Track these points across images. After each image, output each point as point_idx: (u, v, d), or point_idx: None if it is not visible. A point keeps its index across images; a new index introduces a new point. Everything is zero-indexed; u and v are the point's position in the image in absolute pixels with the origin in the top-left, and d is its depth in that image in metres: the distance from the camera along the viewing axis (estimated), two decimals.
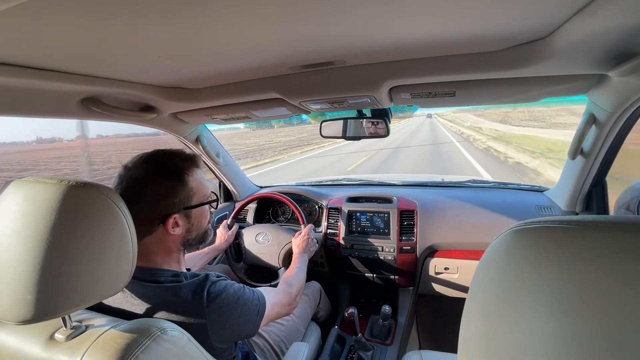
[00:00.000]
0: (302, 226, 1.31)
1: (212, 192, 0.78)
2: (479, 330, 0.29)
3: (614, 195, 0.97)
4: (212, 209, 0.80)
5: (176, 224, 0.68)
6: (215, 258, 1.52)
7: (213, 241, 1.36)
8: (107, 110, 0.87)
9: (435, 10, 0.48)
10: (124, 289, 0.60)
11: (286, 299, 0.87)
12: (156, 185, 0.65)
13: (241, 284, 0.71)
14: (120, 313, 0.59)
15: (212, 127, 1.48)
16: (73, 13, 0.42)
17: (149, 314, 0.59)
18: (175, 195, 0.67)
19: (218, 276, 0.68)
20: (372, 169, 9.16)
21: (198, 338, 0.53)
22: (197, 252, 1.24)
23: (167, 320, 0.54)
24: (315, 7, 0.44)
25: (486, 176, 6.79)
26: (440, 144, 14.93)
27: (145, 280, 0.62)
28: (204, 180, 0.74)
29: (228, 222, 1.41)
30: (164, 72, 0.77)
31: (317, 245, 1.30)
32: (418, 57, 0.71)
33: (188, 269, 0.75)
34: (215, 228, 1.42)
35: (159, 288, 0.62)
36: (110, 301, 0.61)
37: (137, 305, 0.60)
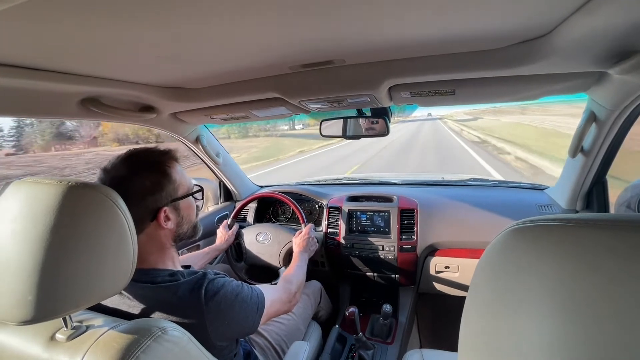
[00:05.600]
0: (303, 225, 1.31)
1: (195, 184, 0.79)
2: (479, 329, 0.29)
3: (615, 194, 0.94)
4: (199, 201, 0.81)
5: (167, 218, 0.68)
6: (215, 258, 1.52)
7: (213, 241, 1.37)
8: (106, 110, 0.87)
9: (435, 9, 0.48)
10: (121, 291, 0.59)
11: (285, 296, 0.87)
12: (141, 180, 0.65)
13: (239, 282, 0.71)
14: (119, 314, 0.59)
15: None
16: (72, 14, 0.41)
17: (146, 314, 0.59)
18: (162, 189, 0.67)
19: (216, 274, 0.68)
20: None
21: (197, 336, 0.53)
22: (197, 252, 1.24)
23: (165, 319, 0.54)
24: (314, 6, 0.44)
25: None
26: None
27: (142, 281, 0.62)
28: (184, 173, 0.75)
29: (228, 222, 1.41)
30: (163, 73, 0.76)
31: (318, 244, 1.30)
32: (417, 55, 0.71)
33: (187, 267, 0.75)
34: (215, 228, 1.43)
35: (157, 288, 0.62)
36: (107, 302, 0.61)
37: (135, 306, 0.60)
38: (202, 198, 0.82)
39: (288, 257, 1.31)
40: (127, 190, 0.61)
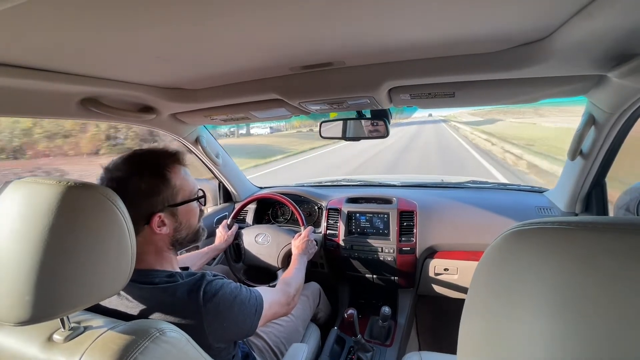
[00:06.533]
0: (302, 228, 1.31)
1: (199, 189, 0.77)
2: (478, 331, 0.29)
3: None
4: (202, 207, 0.79)
5: (162, 223, 0.67)
6: (214, 258, 1.52)
7: (212, 241, 1.37)
8: (106, 111, 0.87)
9: (435, 11, 0.48)
10: (120, 292, 0.59)
11: (284, 299, 0.87)
12: (137, 182, 0.64)
13: (238, 283, 0.71)
14: (117, 315, 0.59)
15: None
16: (72, 14, 0.42)
17: (145, 315, 0.59)
18: (159, 193, 0.66)
19: (215, 275, 0.68)
20: None
21: (195, 338, 0.53)
22: (196, 251, 1.24)
23: (163, 320, 0.54)
24: (314, 8, 0.45)
25: None
26: None
27: (140, 281, 0.62)
28: (189, 177, 0.73)
29: (228, 222, 1.41)
30: (163, 73, 0.77)
31: (317, 247, 1.30)
32: (417, 58, 0.71)
33: (186, 268, 0.75)
34: (215, 228, 1.43)
35: (155, 289, 0.61)
36: (106, 303, 0.61)
37: (133, 307, 0.60)
38: (205, 204, 0.80)
39: (287, 259, 1.30)
40: (124, 192, 0.60)
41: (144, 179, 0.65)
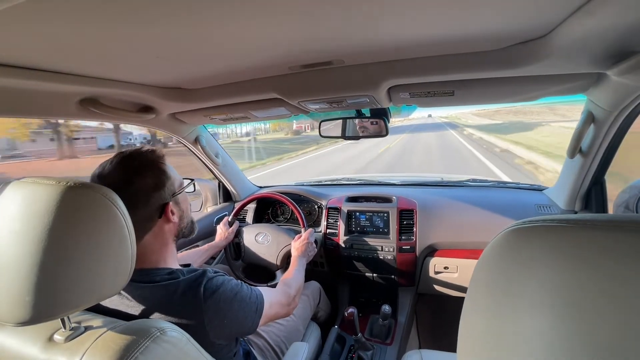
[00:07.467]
0: (302, 229, 1.31)
1: (184, 178, 0.81)
2: (478, 329, 0.29)
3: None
4: (191, 193, 0.84)
5: (172, 212, 0.70)
6: (214, 257, 1.52)
7: (213, 239, 1.37)
8: (105, 111, 0.87)
9: (434, 10, 0.48)
10: (120, 291, 0.59)
11: (285, 299, 0.87)
12: (144, 180, 0.65)
13: (239, 281, 0.72)
14: (118, 314, 0.59)
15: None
16: (71, 14, 0.41)
17: (146, 314, 0.59)
18: (163, 185, 0.69)
19: (215, 272, 0.68)
20: None
21: (196, 334, 0.53)
22: (196, 249, 1.24)
23: (164, 318, 0.54)
24: (313, 7, 0.44)
25: None
26: None
27: (141, 281, 0.62)
28: (173, 168, 0.77)
29: (229, 219, 1.41)
30: (162, 73, 0.76)
31: (316, 250, 1.30)
32: (417, 56, 0.71)
33: (187, 265, 0.76)
34: (215, 227, 1.43)
35: (155, 287, 0.62)
36: (107, 303, 0.61)
37: (134, 307, 0.60)
38: (194, 190, 0.85)
39: (286, 260, 1.30)
40: (132, 193, 0.62)
41: (149, 175, 0.67)
